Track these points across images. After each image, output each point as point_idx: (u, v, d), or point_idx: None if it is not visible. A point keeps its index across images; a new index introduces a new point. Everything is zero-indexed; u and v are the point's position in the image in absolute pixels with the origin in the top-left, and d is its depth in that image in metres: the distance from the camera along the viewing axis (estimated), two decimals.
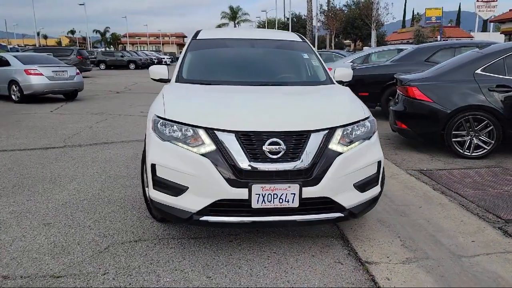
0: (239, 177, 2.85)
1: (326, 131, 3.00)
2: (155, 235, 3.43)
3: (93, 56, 38.22)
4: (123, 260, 3.02)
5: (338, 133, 3.03)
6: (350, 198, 3.04)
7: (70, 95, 13.74)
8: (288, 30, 43.60)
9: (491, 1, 43.81)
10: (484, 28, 60.36)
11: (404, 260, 3.06)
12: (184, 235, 3.44)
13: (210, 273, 2.86)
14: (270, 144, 2.88)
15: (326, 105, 3.52)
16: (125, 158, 5.93)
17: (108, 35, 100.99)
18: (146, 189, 3.40)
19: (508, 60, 5.57)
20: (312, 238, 3.40)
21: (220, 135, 2.92)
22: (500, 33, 47.25)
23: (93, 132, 7.98)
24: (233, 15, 76.39)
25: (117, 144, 6.92)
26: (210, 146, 2.91)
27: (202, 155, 2.89)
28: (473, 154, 5.64)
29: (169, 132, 3.06)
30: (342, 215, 3.05)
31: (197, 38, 4.56)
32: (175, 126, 3.05)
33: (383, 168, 3.35)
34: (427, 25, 49.81)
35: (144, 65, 38.85)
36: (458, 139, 5.66)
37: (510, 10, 51.33)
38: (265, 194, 2.84)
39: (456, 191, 4.46)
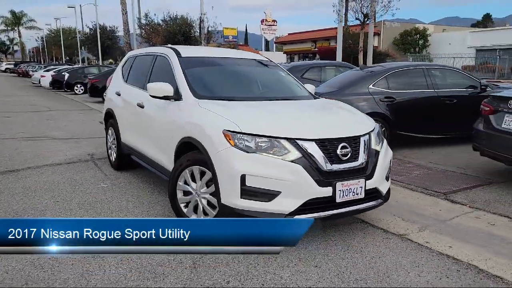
0: (324, 178, 3.38)
1: (367, 135, 3.79)
2: None
3: None
4: (223, 269, 3.15)
5: (373, 137, 3.86)
6: (384, 187, 3.90)
7: None
8: (97, 41, 41.63)
9: (272, 25, 51.08)
10: (267, 47, 69.63)
11: (418, 229, 4.07)
12: None
13: (313, 263, 3.29)
14: (341, 148, 3.50)
15: (353, 115, 4.28)
16: (66, 184, 5.35)
17: None
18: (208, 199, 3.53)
19: (388, 78, 7.35)
20: (345, 225, 4.09)
21: (302, 143, 3.39)
22: (283, 53, 55.63)
23: None
24: (16, 21, 67.84)
25: (28, 170, 6.07)
26: (296, 154, 3.36)
27: (292, 161, 3.31)
28: None
29: (251, 145, 3.35)
30: (382, 200, 3.89)
31: (182, 56, 4.66)
32: (256, 139, 3.36)
33: None
34: (225, 42, 54.40)
35: None
36: None
37: (288, 34, 60.71)
38: (344, 189, 3.46)
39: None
